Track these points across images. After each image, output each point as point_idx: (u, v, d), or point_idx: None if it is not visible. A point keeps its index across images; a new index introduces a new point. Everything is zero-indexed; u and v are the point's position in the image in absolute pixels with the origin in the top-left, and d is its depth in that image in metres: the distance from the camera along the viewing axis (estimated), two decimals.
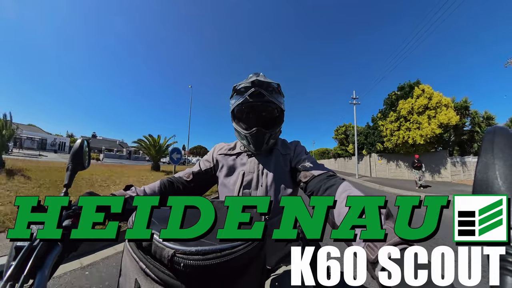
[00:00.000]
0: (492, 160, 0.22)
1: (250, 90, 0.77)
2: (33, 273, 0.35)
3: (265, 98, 0.77)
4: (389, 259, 0.32)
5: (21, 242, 0.37)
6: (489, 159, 0.23)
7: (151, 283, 0.34)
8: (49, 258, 0.37)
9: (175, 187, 0.82)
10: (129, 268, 0.38)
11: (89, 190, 0.60)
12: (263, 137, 0.79)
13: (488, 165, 0.23)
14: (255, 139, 0.79)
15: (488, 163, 0.23)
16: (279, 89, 0.83)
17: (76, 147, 0.56)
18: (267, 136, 0.80)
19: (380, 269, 0.32)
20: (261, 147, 0.82)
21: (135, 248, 0.38)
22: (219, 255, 0.32)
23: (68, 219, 0.45)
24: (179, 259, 0.31)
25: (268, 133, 0.79)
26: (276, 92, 0.82)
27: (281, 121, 0.86)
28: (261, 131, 0.78)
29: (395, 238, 0.34)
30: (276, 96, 0.81)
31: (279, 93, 0.83)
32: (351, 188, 0.56)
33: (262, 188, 0.78)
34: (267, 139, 0.81)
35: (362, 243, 0.38)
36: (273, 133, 0.81)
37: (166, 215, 0.49)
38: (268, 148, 0.85)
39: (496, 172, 0.22)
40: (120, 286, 0.41)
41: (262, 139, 0.79)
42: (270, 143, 0.83)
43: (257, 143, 0.80)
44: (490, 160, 0.23)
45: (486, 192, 0.22)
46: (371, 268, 0.35)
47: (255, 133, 0.78)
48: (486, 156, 0.23)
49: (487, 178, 0.22)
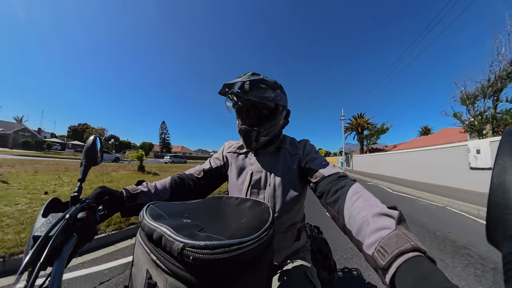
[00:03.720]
0: (510, 163, 0.21)
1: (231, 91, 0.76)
2: (50, 262, 0.36)
3: (246, 97, 0.74)
4: (400, 265, 0.31)
5: (38, 232, 0.38)
6: (507, 162, 0.21)
7: (162, 274, 0.35)
8: (65, 248, 0.39)
9: (185, 183, 0.83)
10: (141, 259, 0.39)
11: (102, 185, 0.62)
12: (249, 134, 0.78)
13: (506, 168, 0.21)
14: (243, 138, 0.80)
15: (506, 165, 0.21)
16: (268, 83, 0.77)
17: (90, 144, 0.58)
18: (254, 133, 0.77)
19: (390, 275, 0.32)
20: (251, 145, 0.80)
21: (147, 241, 0.39)
22: (227, 250, 0.32)
23: (83, 211, 0.46)
24: (188, 253, 0.31)
25: (255, 131, 0.77)
26: (261, 88, 0.76)
27: (275, 115, 0.80)
28: (246, 129, 0.77)
29: (407, 245, 0.33)
30: (261, 92, 0.75)
31: (265, 89, 0.77)
32: (362, 190, 0.55)
33: (270, 187, 0.77)
34: (255, 137, 0.78)
35: (374, 248, 0.37)
36: (261, 130, 0.77)
37: (175, 208, 0.50)
38: (259, 146, 0.82)
39: None
40: (132, 276, 0.43)
41: (249, 136, 0.78)
42: (261, 140, 0.80)
43: (246, 141, 0.80)
44: (508, 162, 0.21)
45: (503, 197, 0.20)
46: (382, 274, 0.34)
47: (241, 131, 0.79)
48: (503, 158, 0.21)
49: (504, 181, 0.21)
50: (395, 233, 0.36)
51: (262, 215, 0.48)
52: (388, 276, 0.32)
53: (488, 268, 2.27)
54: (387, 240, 0.35)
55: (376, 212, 0.43)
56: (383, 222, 0.40)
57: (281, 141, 0.88)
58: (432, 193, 6.73)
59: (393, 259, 0.32)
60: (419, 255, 0.31)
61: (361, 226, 0.44)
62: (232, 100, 0.80)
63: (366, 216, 0.44)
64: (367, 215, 0.44)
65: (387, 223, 0.39)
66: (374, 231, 0.40)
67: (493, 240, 0.21)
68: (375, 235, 0.38)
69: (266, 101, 0.76)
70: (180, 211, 0.48)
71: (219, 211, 0.55)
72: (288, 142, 0.88)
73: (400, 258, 0.32)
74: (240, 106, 0.79)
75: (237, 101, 0.78)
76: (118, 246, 2.76)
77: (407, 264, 0.31)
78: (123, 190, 0.67)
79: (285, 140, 0.89)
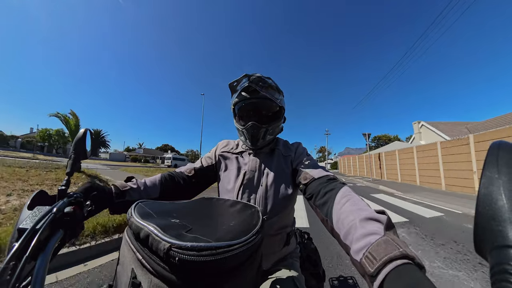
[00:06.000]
0: (496, 175, 0.22)
1: (243, 85, 0.77)
2: (35, 256, 0.35)
3: (260, 94, 0.77)
4: (389, 273, 0.31)
5: (24, 225, 0.38)
6: (494, 174, 0.22)
7: (147, 274, 0.34)
8: (51, 242, 0.38)
9: (175, 181, 0.82)
10: (127, 258, 0.39)
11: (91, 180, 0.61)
12: (258, 131, 0.78)
13: (493, 179, 0.22)
14: (250, 133, 0.79)
15: (493, 177, 0.22)
16: (276, 86, 0.81)
17: (79, 136, 0.56)
18: (262, 130, 0.79)
19: (379, 283, 0.31)
20: (257, 142, 0.81)
21: (133, 239, 0.39)
22: (214, 252, 0.32)
23: (70, 206, 0.46)
24: (175, 253, 0.31)
25: (263, 128, 0.79)
26: (272, 88, 0.80)
27: (280, 117, 0.85)
28: (256, 125, 0.78)
29: (395, 252, 0.32)
30: (272, 92, 0.80)
31: (275, 90, 0.81)
32: (351, 194, 0.55)
33: (262, 187, 0.78)
34: (263, 134, 0.80)
35: (362, 254, 0.36)
36: (269, 128, 0.80)
37: (164, 208, 0.50)
38: (265, 144, 0.85)
39: (501, 187, 0.21)
40: (117, 274, 0.42)
41: (258, 133, 0.79)
42: (267, 139, 0.83)
43: (252, 138, 0.80)
44: (495, 174, 0.22)
45: (490, 208, 0.21)
46: (369, 281, 0.33)
47: (250, 127, 0.78)
48: (490, 170, 0.22)
49: (491, 193, 0.21)
50: (384, 239, 0.35)
51: (252, 219, 0.48)
52: (376, 284, 0.31)
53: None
54: (376, 247, 0.35)
55: (364, 216, 0.43)
56: (371, 227, 0.40)
57: (275, 143, 0.90)
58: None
59: (382, 266, 0.32)
60: (408, 262, 0.31)
61: (349, 230, 0.43)
62: (242, 95, 0.80)
63: (354, 220, 0.44)
64: (355, 219, 0.44)
65: (376, 228, 0.39)
66: (362, 236, 0.39)
67: (481, 250, 0.22)
68: (363, 241, 0.38)
69: (276, 102, 0.81)
70: (169, 211, 0.47)
71: (209, 212, 0.54)
72: (282, 144, 0.90)
73: (389, 265, 0.31)
74: (250, 103, 0.80)
75: (249, 97, 0.79)
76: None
77: (395, 272, 0.30)
78: (112, 186, 0.65)
79: (278, 142, 0.91)
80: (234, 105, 0.85)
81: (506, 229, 0.19)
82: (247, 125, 0.78)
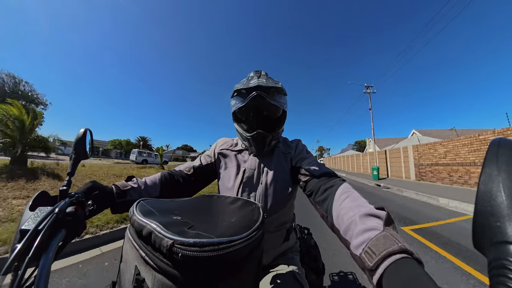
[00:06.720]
0: (496, 172, 0.22)
1: (252, 94, 0.75)
2: (37, 256, 0.36)
3: (266, 101, 0.75)
4: (388, 267, 0.31)
5: (26, 226, 0.38)
6: (493, 171, 0.22)
7: (150, 270, 0.35)
8: (53, 242, 0.38)
9: (175, 179, 0.83)
10: (130, 255, 0.39)
11: (92, 180, 0.61)
12: (264, 140, 0.78)
13: (492, 176, 0.22)
14: (256, 142, 0.79)
15: (492, 174, 0.22)
16: (281, 88, 0.80)
17: (79, 136, 0.56)
18: (268, 138, 0.79)
19: (378, 277, 0.32)
20: (263, 149, 0.82)
21: (136, 237, 0.39)
22: (216, 248, 0.33)
23: (72, 206, 0.46)
24: (177, 250, 0.32)
25: (269, 136, 0.78)
26: (279, 92, 0.79)
27: (283, 121, 0.85)
28: (262, 134, 0.77)
29: (394, 246, 0.33)
30: (279, 97, 0.78)
31: (281, 93, 0.80)
32: (350, 190, 0.56)
33: (262, 185, 0.78)
34: (269, 141, 0.80)
35: (361, 249, 0.37)
36: (275, 135, 0.80)
37: (166, 205, 0.50)
38: (270, 148, 0.85)
39: (500, 184, 0.21)
40: (121, 271, 0.43)
41: (264, 142, 0.79)
42: (272, 144, 0.83)
43: (258, 146, 0.80)
44: (494, 172, 0.22)
45: (489, 205, 0.21)
46: (369, 275, 0.34)
47: (257, 137, 0.77)
48: (490, 167, 0.23)
49: (490, 189, 0.22)
50: (383, 234, 0.36)
51: (253, 215, 0.49)
52: (376, 278, 0.32)
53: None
54: (375, 241, 0.36)
55: (363, 212, 0.44)
56: (371, 223, 0.40)
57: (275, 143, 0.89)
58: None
59: (381, 260, 0.32)
60: (406, 256, 0.32)
61: (349, 226, 0.44)
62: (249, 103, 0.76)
63: (353, 216, 0.45)
64: (355, 215, 0.44)
65: (375, 224, 0.40)
66: (362, 231, 0.40)
67: (479, 246, 0.22)
68: (363, 236, 0.39)
69: (283, 107, 0.80)
70: (170, 208, 0.48)
71: (210, 209, 0.55)
72: (281, 142, 0.90)
73: (388, 259, 0.32)
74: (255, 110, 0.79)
75: (256, 105, 0.77)
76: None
77: (394, 266, 0.31)
78: (113, 186, 0.66)
79: (278, 140, 0.90)
80: (238, 109, 0.81)
81: (504, 225, 0.20)
82: (253, 134, 0.77)
